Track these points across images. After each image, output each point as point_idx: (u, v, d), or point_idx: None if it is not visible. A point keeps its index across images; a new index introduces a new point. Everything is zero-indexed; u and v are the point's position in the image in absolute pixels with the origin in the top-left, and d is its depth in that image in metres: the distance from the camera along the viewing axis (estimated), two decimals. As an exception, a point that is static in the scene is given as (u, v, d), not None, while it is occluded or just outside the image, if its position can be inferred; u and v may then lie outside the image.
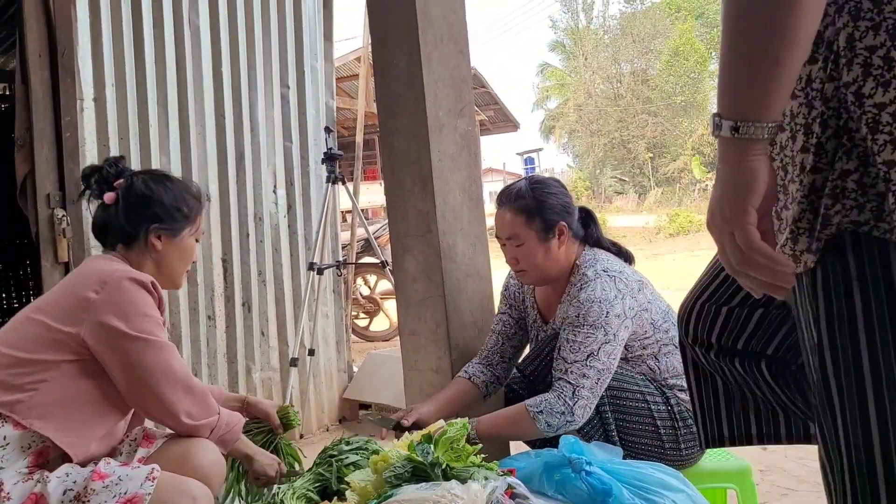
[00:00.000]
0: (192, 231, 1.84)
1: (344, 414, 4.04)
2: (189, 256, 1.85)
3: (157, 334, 1.66)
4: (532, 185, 2.15)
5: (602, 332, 1.97)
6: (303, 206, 3.82)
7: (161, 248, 1.80)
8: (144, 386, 1.64)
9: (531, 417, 1.95)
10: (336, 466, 1.72)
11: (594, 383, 1.95)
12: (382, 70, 2.53)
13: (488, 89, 17.25)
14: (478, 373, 2.25)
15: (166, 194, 1.81)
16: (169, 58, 3.27)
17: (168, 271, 1.82)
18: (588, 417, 1.98)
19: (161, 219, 1.79)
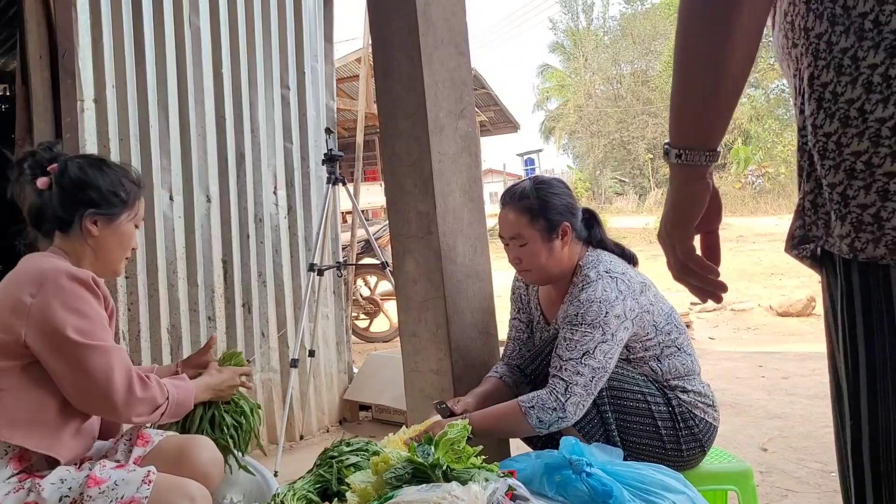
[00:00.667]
0: (129, 216, 1.77)
1: (344, 415, 4.04)
2: (128, 242, 1.78)
3: (100, 337, 1.59)
4: (536, 185, 2.16)
5: (600, 332, 1.97)
6: (303, 207, 3.82)
7: (97, 234, 1.72)
8: (88, 391, 1.58)
9: (523, 413, 1.94)
10: (336, 468, 1.71)
11: (588, 381, 1.95)
12: (383, 72, 2.53)
13: (488, 90, 17.25)
14: (507, 373, 2.26)
15: (102, 179, 1.74)
16: (169, 59, 3.27)
17: (106, 258, 1.75)
18: (581, 415, 1.97)
19: (97, 203, 1.72)
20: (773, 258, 11.94)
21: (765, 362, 5.39)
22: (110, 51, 3.07)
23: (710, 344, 6.52)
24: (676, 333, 2.15)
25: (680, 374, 2.13)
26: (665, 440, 2.05)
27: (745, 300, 8.31)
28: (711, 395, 2.18)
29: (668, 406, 2.07)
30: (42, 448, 1.57)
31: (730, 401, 4.22)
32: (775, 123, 25.63)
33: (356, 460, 1.74)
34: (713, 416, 2.15)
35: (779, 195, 24.01)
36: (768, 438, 3.51)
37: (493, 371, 2.30)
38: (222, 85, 3.46)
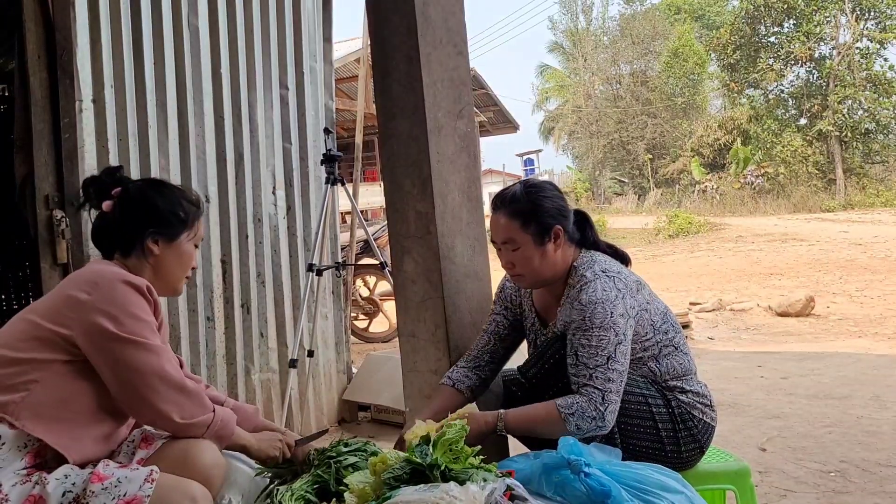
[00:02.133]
0: (189, 236, 1.84)
1: (343, 415, 4.04)
2: (187, 262, 1.85)
3: (148, 337, 1.65)
4: (527, 188, 2.14)
5: (613, 333, 1.96)
6: (302, 207, 3.82)
7: (158, 254, 1.80)
8: (134, 388, 1.63)
9: (562, 419, 1.93)
10: (335, 468, 1.71)
11: (619, 386, 1.95)
12: (382, 72, 2.53)
13: (488, 90, 17.26)
14: (462, 378, 2.22)
15: (162, 200, 1.82)
16: (168, 59, 3.27)
17: (166, 277, 1.82)
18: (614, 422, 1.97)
19: (157, 224, 1.80)
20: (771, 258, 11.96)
21: (764, 362, 5.39)
22: (109, 51, 3.07)
23: (709, 344, 6.53)
24: (673, 333, 2.15)
25: (678, 374, 2.13)
26: (664, 441, 2.05)
27: (744, 300, 8.33)
28: (709, 395, 2.18)
29: (667, 407, 2.07)
30: (60, 446, 1.59)
31: (729, 401, 4.22)
32: (774, 124, 25.64)
33: (355, 460, 1.74)
34: (711, 416, 2.15)
35: (778, 195, 24.05)
36: (767, 438, 3.51)
37: (446, 377, 2.25)
38: (221, 85, 3.46)
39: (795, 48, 24.52)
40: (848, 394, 4.28)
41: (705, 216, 20.41)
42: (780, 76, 25.60)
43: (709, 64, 30.03)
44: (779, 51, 25.27)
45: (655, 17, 31.91)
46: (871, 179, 24.40)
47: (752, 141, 26.29)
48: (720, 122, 27.87)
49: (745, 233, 16.45)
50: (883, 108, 23.76)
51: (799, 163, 24.58)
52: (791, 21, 25.32)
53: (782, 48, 25.17)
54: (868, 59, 24.06)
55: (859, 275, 9.88)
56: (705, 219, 19.62)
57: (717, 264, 12.22)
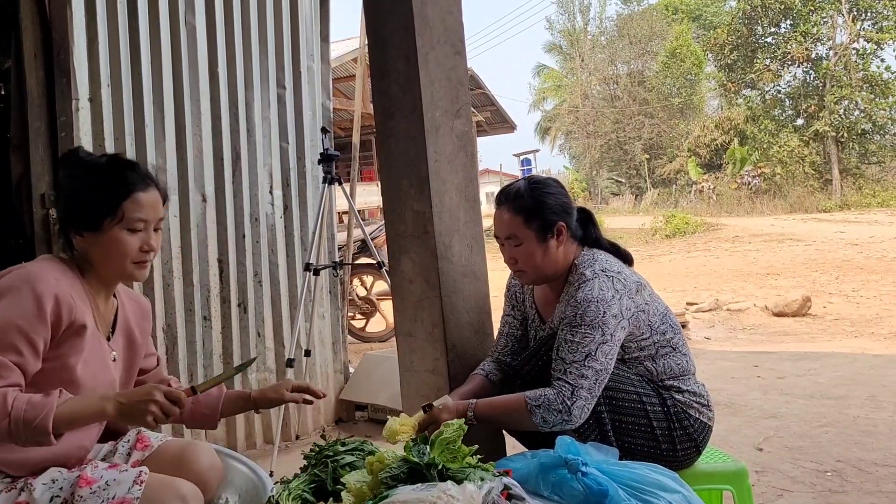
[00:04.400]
0: (113, 222, 1.62)
1: (340, 415, 4.03)
2: (124, 249, 1.63)
3: None
4: (531, 185, 2.15)
5: (599, 333, 1.97)
6: (299, 206, 3.81)
7: (86, 246, 1.65)
8: None
9: (528, 410, 1.95)
10: (332, 467, 1.71)
11: (592, 384, 1.95)
12: (380, 72, 2.52)
13: (485, 90, 17.26)
14: (493, 371, 2.26)
15: (78, 188, 1.65)
16: (165, 58, 3.26)
17: (106, 268, 1.66)
18: (586, 418, 1.98)
19: (74, 216, 1.64)
20: (768, 258, 11.97)
21: (760, 362, 5.40)
22: (105, 50, 3.06)
23: (705, 344, 6.54)
24: (671, 333, 2.16)
25: (675, 373, 2.14)
26: (660, 440, 2.05)
27: (741, 300, 8.34)
28: (706, 395, 2.18)
29: (663, 406, 2.07)
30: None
31: (725, 400, 4.22)
32: (771, 124, 25.67)
33: (352, 460, 1.73)
34: (708, 415, 2.16)
35: (774, 195, 24.09)
36: (763, 438, 3.51)
37: (479, 368, 2.29)
38: (218, 84, 3.45)
39: (792, 48, 24.55)
40: (844, 394, 4.29)
41: (702, 216, 20.43)
42: (777, 76, 25.64)
43: (706, 64, 30.06)
44: (776, 51, 25.30)
45: (653, 18, 31.94)
46: (867, 180, 24.45)
47: (749, 141, 26.33)
48: (717, 123, 27.91)
49: (741, 233, 16.47)
50: (879, 108, 23.79)
51: (795, 163, 24.62)
52: (788, 21, 25.36)
53: (779, 48, 25.20)
54: (865, 59, 24.10)
55: (856, 275, 9.90)
56: (702, 219, 19.64)
57: (714, 264, 12.23)
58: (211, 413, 1.88)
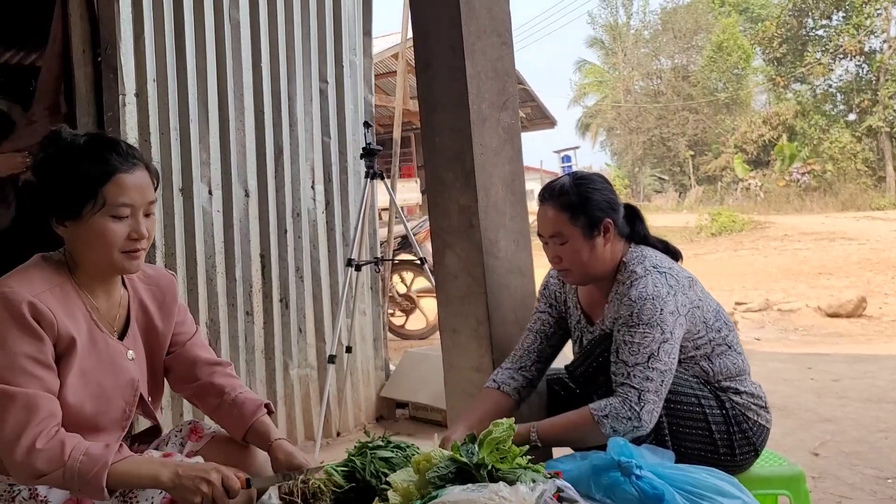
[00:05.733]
0: (95, 208, 1.47)
1: (381, 412, 4.01)
2: (108, 239, 1.48)
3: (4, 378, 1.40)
4: (576, 180, 2.08)
5: (659, 331, 1.89)
6: (341, 201, 3.79)
7: (69, 237, 1.52)
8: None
9: (595, 422, 1.87)
10: (369, 457, 1.68)
11: (658, 385, 1.88)
12: (424, 64, 2.48)
13: (525, 86, 17.15)
14: (507, 380, 2.15)
15: (55, 171, 1.50)
16: (209, 53, 3.27)
17: (91, 259, 1.53)
18: (655, 421, 1.90)
19: (53, 203, 1.50)
20: (820, 257, 11.65)
21: (814, 364, 5.22)
22: (151, 45, 3.07)
23: (755, 344, 6.37)
24: (726, 331, 2.08)
25: (731, 374, 2.06)
26: (718, 444, 1.98)
27: (792, 300, 8.11)
28: (763, 397, 2.11)
29: (721, 409, 2.00)
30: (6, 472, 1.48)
31: (778, 403, 4.08)
32: (822, 119, 24.99)
33: (388, 455, 1.69)
34: (766, 417, 2.08)
35: (825, 193, 23.44)
36: (819, 443, 3.39)
37: (490, 380, 2.16)
38: (261, 79, 3.45)
39: (844, 41, 23.86)
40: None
41: (749, 214, 19.98)
42: (829, 70, 24.97)
43: (753, 58, 29.42)
44: (827, 44, 24.63)
45: (698, 11, 31.36)
46: (922, 177, 23.66)
47: (799, 137, 25.68)
48: (765, 118, 27.29)
49: (791, 231, 16.06)
50: (936, 103, 23.01)
51: (847, 160, 23.93)
52: (840, 13, 24.66)
53: (831, 41, 24.53)
54: (921, 52, 23.32)
55: (913, 275, 9.56)
56: (749, 217, 19.21)
57: (763, 263, 11.95)
58: (236, 434, 1.73)
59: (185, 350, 1.76)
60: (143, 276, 1.71)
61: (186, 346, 1.77)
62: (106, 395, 1.57)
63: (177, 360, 1.76)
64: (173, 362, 1.76)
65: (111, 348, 1.59)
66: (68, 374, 1.49)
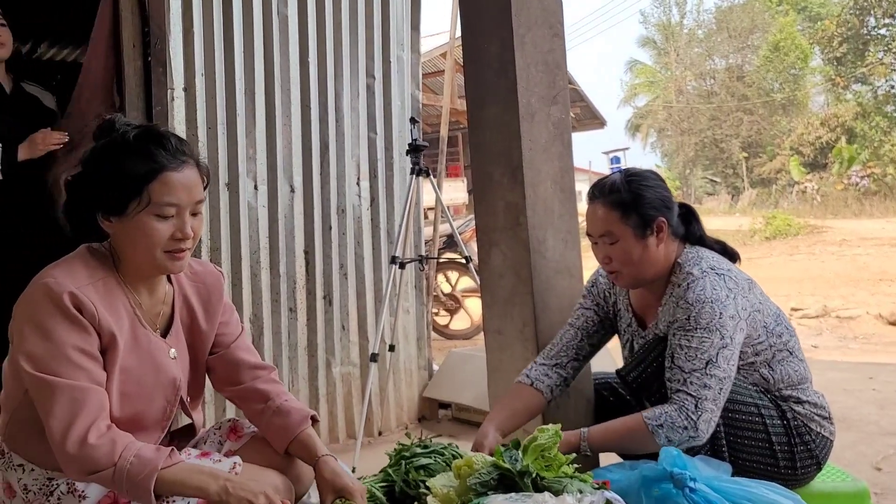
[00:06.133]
0: (140, 206, 1.43)
1: (423, 413, 3.96)
2: (152, 238, 1.45)
3: (52, 369, 1.38)
4: (628, 177, 1.99)
5: (718, 336, 1.80)
6: (386, 198, 3.76)
7: (113, 232, 1.49)
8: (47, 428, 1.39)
9: (650, 431, 1.79)
10: (405, 468, 1.62)
11: (717, 393, 1.79)
12: (472, 57, 2.43)
13: (575, 86, 16.97)
14: (541, 377, 2.07)
15: (98, 165, 1.47)
16: (257, 48, 3.27)
17: (134, 257, 1.49)
18: (713, 431, 1.81)
19: (99, 199, 1.47)
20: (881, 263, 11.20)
21: (875, 374, 4.99)
22: (200, 39, 3.08)
23: (813, 352, 6.12)
24: (787, 336, 1.98)
25: (793, 382, 1.96)
26: (779, 456, 1.89)
27: (851, 307, 7.79)
28: (827, 407, 2.01)
29: (782, 419, 1.90)
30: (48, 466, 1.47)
31: (838, 414, 3.86)
32: (883, 121, 24.10)
33: (427, 462, 1.63)
34: (829, 429, 1.98)
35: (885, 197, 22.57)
36: (882, 457, 3.22)
37: (524, 375, 2.09)
38: (308, 74, 3.43)
39: (908, 41, 22.99)
40: (975, 412, 3.89)
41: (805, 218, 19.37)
42: (891, 71, 24.06)
43: (812, 58, 28.55)
44: (890, 43, 23.74)
45: (754, 10, 30.58)
46: None
47: (858, 139, 24.81)
48: (823, 120, 26.45)
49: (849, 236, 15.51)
50: None
51: (910, 163, 23.04)
52: (904, 11, 23.76)
53: (894, 41, 23.63)
54: None
55: (981, 283, 9.11)
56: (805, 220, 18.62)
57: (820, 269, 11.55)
58: (279, 444, 1.67)
59: (229, 352, 1.72)
60: (189, 271, 1.67)
61: (231, 347, 1.73)
62: (147, 394, 1.54)
63: (220, 362, 1.72)
64: (216, 363, 1.73)
65: (153, 346, 1.56)
66: (109, 372, 1.47)
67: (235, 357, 1.72)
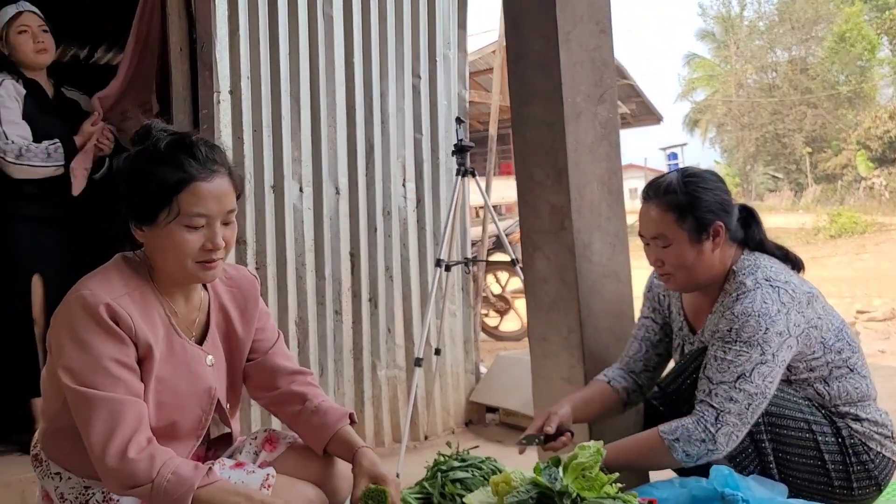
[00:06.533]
0: (169, 217, 1.42)
1: (470, 417, 3.90)
2: (182, 249, 1.43)
3: (90, 382, 1.37)
4: (685, 178, 1.90)
5: (758, 351, 1.71)
6: (432, 199, 3.71)
7: (145, 241, 1.48)
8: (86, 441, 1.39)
9: (666, 446, 1.72)
10: (441, 481, 1.57)
11: (743, 409, 1.70)
12: (516, 55, 2.36)
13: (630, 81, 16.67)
14: (618, 377, 2.04)
15: (130, 178, 1.46)
16: (302, 49, 3.25)
17: (165, 266, 1.49)
18: (734, 447, 1.72)
19: (130, 208, 1.46)
20: (955, 263, 10.65)
21: (949, 382, 4.71)
22: (246, 42, 3.08)
23: (879, 357, 5.83)
24: (849, 352, 1.87)
25: (852, 399, 1.85)
26: (832, 476, 1.78)
27: (923, 309, 7.42)
28: (890, 425, 1.89)
29: (836, 436, 1.80)
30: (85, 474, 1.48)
31: (907, 426, 3.69)
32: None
33: (463, 476, 1.58)
34: (892, 448, 1.86)
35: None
36: (957, 474, 3.01)
37: (601, 374, 2.07)
38: (353, 74, 3.41)
39: None
40: None
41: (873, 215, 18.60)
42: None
43: (879, 48, 27.42)
44: (965, 32, 22.62)
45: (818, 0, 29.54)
46: None
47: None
48: (891, 113, 25.33)
49: (920, 234, 14.81)
50: None
51: None
52: (981, -2, 22.58)
53: (969, 28, 22.50)
54: None
55: None
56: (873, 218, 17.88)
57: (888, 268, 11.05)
58: (317, 443, 1.66)
59: (266, 358, 1.71)
60: (224, 277, 1.66)
61: (268, 354, 1.71)
62: (182, 403, 1.53)
63: (257, 369, 1.71)
64: (253, 370, 1.71)
65: (189, 354, 1.55)
66: (145, 382, 1.46)
67: (273, 363, 1.71)
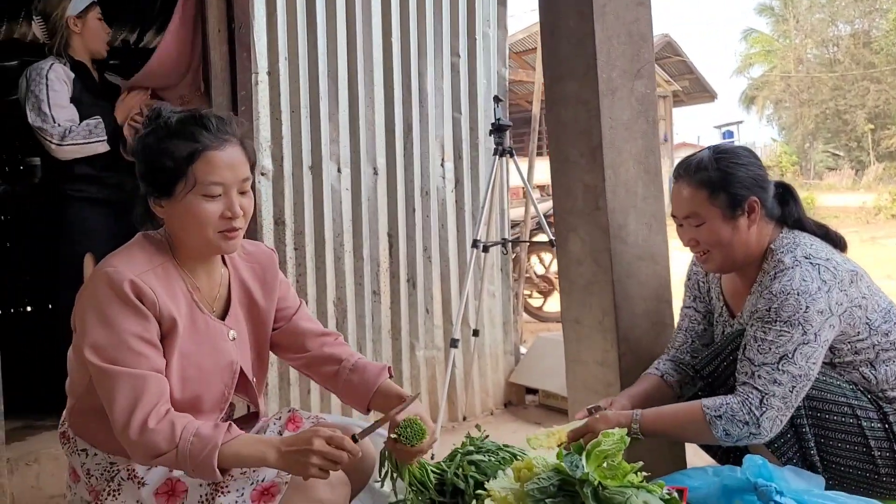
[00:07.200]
0: (186, 187, 1.44)
1: (510, 398, 3.88)
2: (201, 219, 1.46)
3: (111, 358, 1.40)
4: (716, 154, 1.84)
5: (799, 331, 1.65)
6: (471, 179, 3.67)
7: (165, 216, 1.50)
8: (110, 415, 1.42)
9: (707, 421, 1.67)
10: (458, 461, 1.57)
11: (787, 391, 1.64)
12: (550, 29, 2.30)
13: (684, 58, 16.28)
14: (671, 371, 2.00)
15: (144, 151, 1.49)
16: (340, 29, 3.24)
17: (186, 239, 1.51)
18: (778, 432, 1.66)
19: (148, 182, 1.49)
20: None
21: None
22: (283, 22, 3.08)
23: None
24: None
25: (903, 384, 1.75)
26: (878, 463, 1.71)
27: None
28: None
29: (883, 422, 1.72)
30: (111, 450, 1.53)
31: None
32: None
33: (479, 458, 1.57)
34: None
35: None
36: None
37: (653, 367, 2.02)
38: (391, 54, 3.38)
39: None
40: None
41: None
42: None
43: (951, 19, 26.06)
44: None
45: (885, -31, 28.19)
46: None
47: None
48: (962, 87, 24.17)
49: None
50: None
51: None
52: None
53: None
54: None
55: None
56: (938, 197, 17.11)
57: (953, 250, 10.57)
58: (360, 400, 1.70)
59: (291, 324, 1.75)
60: (243, 253, 1.69)
61: (293, 320, 1.75)
62: (205, 378, 1.56)
63: (284, 335, 1.75)
64: (280, 337, 1.75)
65: (211, 329, 1.57)
66: (169, 356, 1.49)
67: (299, 327, 1.75)
